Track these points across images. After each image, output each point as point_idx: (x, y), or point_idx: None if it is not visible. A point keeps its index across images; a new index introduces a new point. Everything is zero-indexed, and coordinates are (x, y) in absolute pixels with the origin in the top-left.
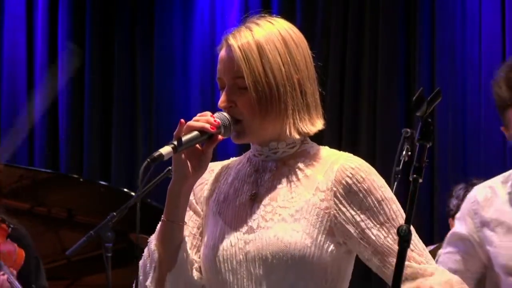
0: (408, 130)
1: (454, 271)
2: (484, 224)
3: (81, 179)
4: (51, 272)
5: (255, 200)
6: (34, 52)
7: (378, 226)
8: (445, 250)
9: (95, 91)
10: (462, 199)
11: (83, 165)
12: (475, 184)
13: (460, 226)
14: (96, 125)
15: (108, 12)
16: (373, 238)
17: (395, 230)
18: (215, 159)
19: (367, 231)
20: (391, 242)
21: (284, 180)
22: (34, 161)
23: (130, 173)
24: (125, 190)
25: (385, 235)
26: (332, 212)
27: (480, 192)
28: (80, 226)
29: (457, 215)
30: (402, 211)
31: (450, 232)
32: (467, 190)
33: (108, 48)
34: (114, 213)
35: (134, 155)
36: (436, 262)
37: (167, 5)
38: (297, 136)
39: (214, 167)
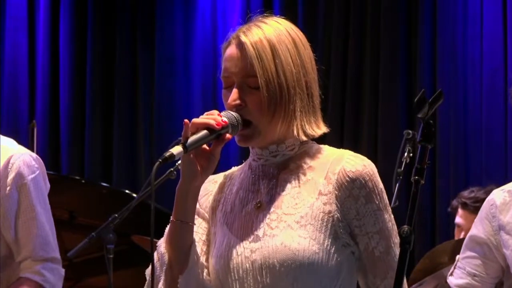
0: (410, 131)
1: (474, 276)
2: (501, 227)
3: (83, 181)
4: None
5: (260, 208)
6: (36, 53)
7: (369, 234)
8: (464, 255)
9: (96, 91)
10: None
11: (84, 166)
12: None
13: (477, 229)
14: (97, 126)
15: (109, 12)
16: (363, 246)
17: (384, 242)
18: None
19: (359, 237)
20: (377, 254)
21: (287, 187)
22: None
23: (131, 175)
24: (127, 191)
25: (374, 245)
26: (335, 216)
27: (499, 196)
28: (82, 227)
29: (476, 219)
30: (393, 220)
31: (468, 236)
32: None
33: (109, 49)
34: (116, 215)
35: (136, 156)
36: (454, 267)
37: (168, 5)
38: (304, 138)
39: (217, 179)
